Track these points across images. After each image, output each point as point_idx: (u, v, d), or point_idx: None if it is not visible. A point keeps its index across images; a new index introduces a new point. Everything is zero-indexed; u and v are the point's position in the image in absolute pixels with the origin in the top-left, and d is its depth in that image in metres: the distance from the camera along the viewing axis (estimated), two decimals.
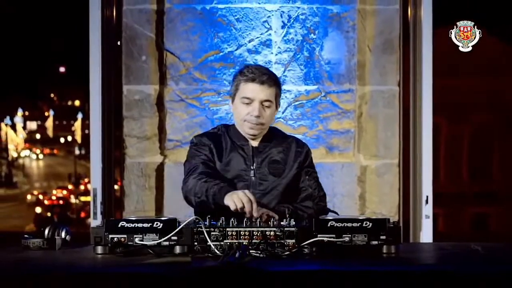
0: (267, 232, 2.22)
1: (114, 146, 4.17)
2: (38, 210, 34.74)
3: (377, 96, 4.09)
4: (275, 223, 2.27)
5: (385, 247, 2.23)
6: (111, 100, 4.15)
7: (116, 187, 4.42)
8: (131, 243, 2.21)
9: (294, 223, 2.27)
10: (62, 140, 55.29)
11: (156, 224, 2.22)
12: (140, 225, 2.22)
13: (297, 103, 4.05)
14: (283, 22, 4.04)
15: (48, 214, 34.30)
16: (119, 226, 2.22)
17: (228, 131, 2.90)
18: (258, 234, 2.22)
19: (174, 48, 4.04)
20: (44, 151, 53.27)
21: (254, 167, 2.81)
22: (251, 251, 2.17)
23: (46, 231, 2.45)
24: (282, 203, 2.77)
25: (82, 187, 39.19)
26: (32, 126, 58.68)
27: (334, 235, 2.21)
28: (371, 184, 4.07)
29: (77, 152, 49.11)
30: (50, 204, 35.99)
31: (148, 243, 2.21)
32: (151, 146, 4.06)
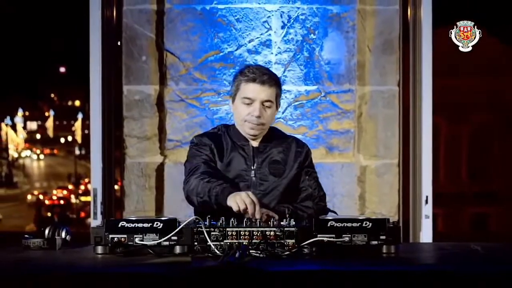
0: (267, 232, 2.22)
1: (114, 146, 4.17)
2: (39, 210, 34.74)
3: (377, 96, 4.09)
4: (275, 223, 2.27)
5: (384, 247, 2.23)
6: (111, 100, 4.15)
7: (116, 187, 4.42)
8: (131, 243, 2.21)
9: (294, 223, 2.27)
10: (62, 140, 55.24)
11: (156, 224, 2.22)
12: (140, 225, 2.22)
13: (297, 103, 4.06)
14: (283, 22, 4.05)
15: (49, 214, 34.32)
16: (119, 226, 2.22)
17: (228, 131, 2.89)
18: (258, 234, 2.22)
19: (174, 48, 4.05)
20: (44, 151, 53.23)
21: (254, 167, 2.81)
22: (251, 251, 2.17)
23: (47, 231, 2.45)
24: (282, 203, 2.77)
25: (82, 187, 39.18)
26: (32, 126, 58.63)
27: (334, 235, 2.21)
28: (371, 184, 4.07)
29: (77, 152, 49.07)
30: (50, 204, 36.00)
31: (148, 243, 2.21)
32: (151, 146, 4.07)
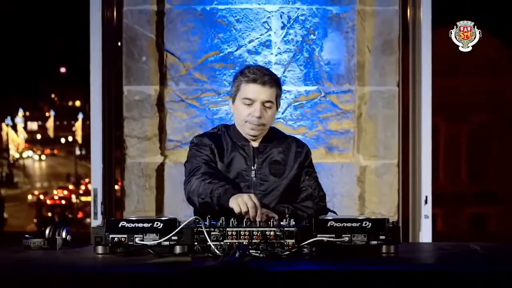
0: (267, 232, 2.22)
1: (114, 146, 4.18)
2: (39, 210, 34.75)
3: (376, 96, 4.10)
4: (275, 223, 2.27)
5: (384, 247, 2.23)
6: (112, 101, 4.16)
7: (116, 187, 4.42)
8: (131, 243, 2.22)
9: (294, 223, 2.27)
10: (62, 140, 55.21)
11: (157, 224, 2.22)
12: (140, 225, 2.22)
13: (297, 103, 4.06)
14: (282, 23, 4.05)
15: (49, 214, 34.31)
16: (120, 226, 2.23)
17: (229, 131, 2.89)
18: (258, 234, 2.22)
19: (174, 48, 4.05)
20: (45, 152, 53.19)
21: (255, 167, 2.81)
22: (251, 251, 2.17)
23: (47, 231, 2.45)
24: (282, 203, 2.77)
25: (82, 187, 39.17)
26: (33, 126, 58.58)
27: (334, 235, 2.22)
28: (371, 184, 4.08)
29: (77, 152, 49.05)
30: (51, 204, 36.00)
31: (148, 243, 2.21)
32: (152, 146, 4.07)
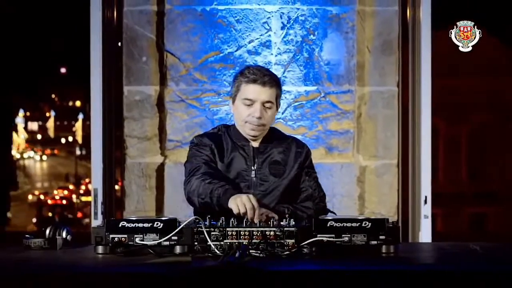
0: (267, 232, 2.22)
1: (114, 146, 4.18)
2: (40, 210, 34.75)
3: (376, 96, 4.10)
4: (275, 223, 2.27)
5: (384, 247, 2.23)
6: (112, 101, 4.16)
7: (116, 187, 4.43)
8: (131, 243, 2.22)
9: (294, 223, 2.27)
10: (63, 140, 55.20)
11: (157, 224, 2.22)
12: (140, 225, 2.22)
13: (296, 103, 4.07)
14: (282, 23, 4.06)
15: (49, 214, 34.31)
16: (120, 226, 2.23)
17: (229, 131, 2.89)
18: (258, 234, 2.22)
19: (174, 49, 4.05)
20: (45, 152, 53.18)
21: (255, 167, 2.81)
22: (251, 251, 2.17)
23: (47, 231, 2.46)
24: (282, 203, 2.77)
25: (83, 187, 39.17)
26: (33, 126, 58.55)
27: (334, 235, 2.22)
28: (370, 184, 4.08)
29: (78, 152, 49.05)
30: (52, 204, 36.02)
31: (148, 243, 2.21)
32: (152, 146, 4.08)
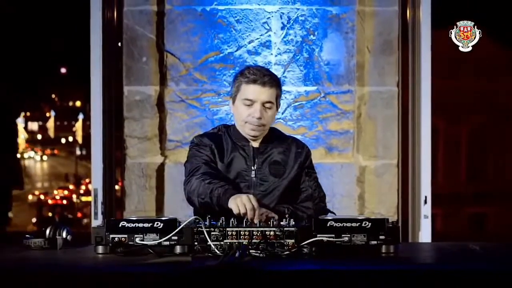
0: (267, 232, 2.23)
1: (115, 146, 4.18)
2: (40, 210, 34.74)
3: (376, 97, 4.10)
4: (274, 223, 2.27)
5: (384, 246, 2.24)
6: (112, 101, 4.17)
7: (117, 187, 4.43)
8: (131, 243, 2.22)
9: (294, 223, 2.27)
10: (63, 140, 55.21)
11: (157, 224, 2.22)
12: (140, 225, 2.23)
13: (296, 104, 4.07)
14: (282, 23, 4.06)
15: (49, 214, 34.30)
16: (120, 226, 2.23)
17: (229, 131, 2.89)
18: (258, 234, 2.22)
19: (174, 49, 4.06)
20: (46, 152, 53.18)
21: (255, 167, 2.81)
22: (251, 251, 2.18)
23: (47, 231, 2.46)
24: (282, 203, 2.77)
25: (83, 187, 39.16)
26: (33, 126, 58.56)
27: (334, 235, 2.22)
28: (370, 184, 4.08)
29: (78, 152, 49.06)
30: (52, 204, 36.02)
31: (148, 243, 2.21)
32: (152, 146, 4.08)
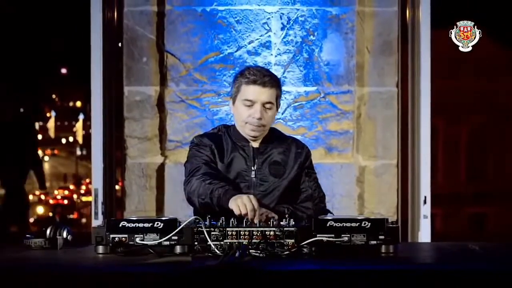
0: (266, 232, 2.23)
1: (115, 146, 4.19)
2: (40, 210, 34.69)
3: (375, 97, 4.11)
4: (274, 223, 2.28)
5: (383, 246, 2.24)
6: (112, 101, 4.17)
7: (117, 187, 4.44)
8: (132, 242, 2.22)
9: (294, 223, 2.28)
10: (63, 141, 55.14)
11: (157, 224, 2.23)
12: (141, 225, 2.23)
13: (296, 104, 4.07)
14: (282, 24, 4.06)
15: (50, 214, 34.25)
16: (120, 226, 2.23)
17: (229, 132, 2.89)
18: (258, 234, 2.23)
19: (174, 49, 4.06)
20: (46, 152, 53.10)
21: (255, 168, 2.81)
22: (251, 251, 2.18)
23: (48, 231, 2.46)
24: (282, 204, 2.77)
25: (83, 187, 39.10)
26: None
27: (333, 235, 2.22)
28: (370, 185, 4.09)
29: (78, 152, 48.99)
30: (53, 204, 35.96)
31: (149, 242, 2.22)
32: (152, 146, 4.08)
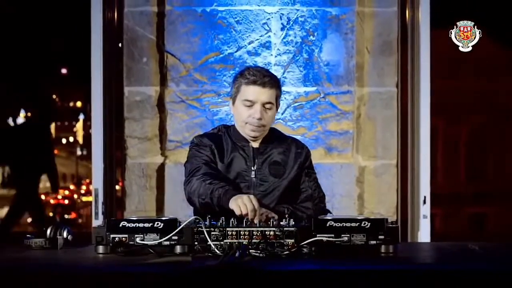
0: (266, 232, 2.23)
1: (115, 147, 4.19)
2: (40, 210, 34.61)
3: (375, 97, 4.11)
4: (274, 223, 2.28)
5: (383, 246, 2.24)
6: (112, 102, 4.17)
7: (117, 187, 4.44)
8: (132, 242, 2.23)
9: (294, 223, 2.28)
10: (64, 141, 55.14)
11: (157, 224, 2.23)
12: (141, 225, 2.23)
13: (296, 104, 4.08)
14: (282, 24, 4.07)
15: (50, 214, 34.22)
16: (120, 226, 2.24)
17: (229, 132, 2.89)
18: (258, 234, 2.23)
19: (174, 49, 4.07)
20: None
21: (255, 168, 2.82)
22: (251, 251, 2.18)
23: (48, 231, 2.46)
24: (282, 204, 2.78)
25: (83, 187, 39.06)
26: None
27: (333, 235, 2.23)
28: (370, 185, 4.09)
29: (78, 152, 48.97)
30: (54, 204, 35.92)
31: (149, 242, 2.22)
32: (152, 146, 4.09)
